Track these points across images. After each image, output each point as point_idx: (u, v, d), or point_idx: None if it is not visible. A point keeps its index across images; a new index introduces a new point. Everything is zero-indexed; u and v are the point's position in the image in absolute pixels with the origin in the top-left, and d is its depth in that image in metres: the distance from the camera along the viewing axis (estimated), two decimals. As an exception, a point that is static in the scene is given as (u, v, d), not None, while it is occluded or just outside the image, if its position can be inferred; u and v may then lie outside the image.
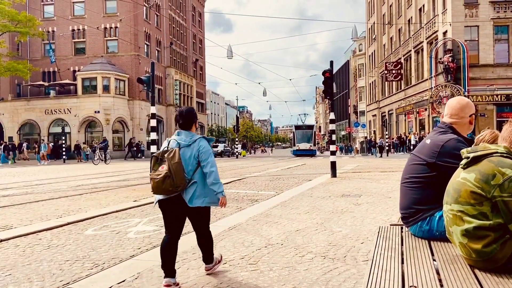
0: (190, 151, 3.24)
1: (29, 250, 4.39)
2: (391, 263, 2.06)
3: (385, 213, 6.19)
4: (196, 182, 3.20)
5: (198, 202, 3.18)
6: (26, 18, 32.88)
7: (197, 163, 3.24)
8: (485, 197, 1.90)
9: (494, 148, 2.00)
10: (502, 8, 30.27)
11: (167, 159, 3.13)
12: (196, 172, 3.22)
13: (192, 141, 3.27)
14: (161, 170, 3.13)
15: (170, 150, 3.20)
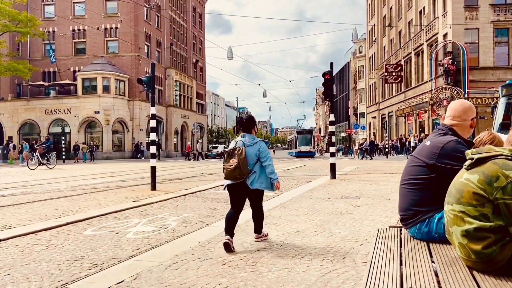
0: (253, 150, 4.47)
1: (28, 250, 4.39)
2: (390, 264, 2.07)
3: (384, 215, 6.19)
4: (256, 172, 4.42)
5: (256, 185, 4.40)
6: (27, 18, 32.92)
7: (257, 159, 4.45)
8: (487, 199, 1.90)
9: (499, 151, 2.01)
10: (502, 11, 30.31)
11: (237, 155, 4.34)
12: (256, 165, 4.45)
13: (254, 142, 4.51)
14: (232, 162, 4.33)
15: (239, 148, 4.40)
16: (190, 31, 56.50)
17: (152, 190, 10.18)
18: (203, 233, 5.08)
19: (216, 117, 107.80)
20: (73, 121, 39.20)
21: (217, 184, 11.74)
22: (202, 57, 61.75)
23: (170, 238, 4.90)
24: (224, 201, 8.13)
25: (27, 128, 41.28)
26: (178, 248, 4.34)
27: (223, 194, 9.48)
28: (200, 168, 21.95)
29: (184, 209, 7.13)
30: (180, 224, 5.75)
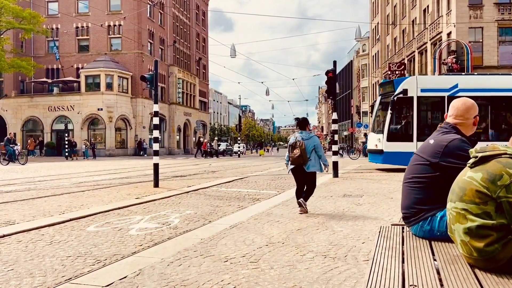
0: (309, 143, 6.25)
1: (31, 246, 4.42)
2: (392, 262, 2.07)
3: (387, 213, 6.19)
4: (311, 159, 6.22)
5: (312, 169, 6.27)
6: (31, 15, 33.00)
7: (312, 149, 6.23)
8: (490, 197, 1.90)
9: (504, 149, 2.01)
10: (506, 10, 30.17)
11: (299, 147, 6.16)
12: (311, 154, 6.23)
13: (309, 137, 6.32)
14: (296, 152, 6.16)
15: (300, 141, 6.20)
16: (193, 29, 56.49)
17: (154, 187, 10.20)
18: (205, 230, 5.09)
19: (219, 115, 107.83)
20: (76, 118, 39.31)
21: (219, 181, 11.77)
22: (205, 55, 61.75)
23: (172, 235, 4.91)
24: (226, 199, 8.15)
25: (30, 124, 41.43)
26: (181, 244, 4.36)
27: (225, 191, 9.50)
28: (203, 165, 21.98)
29: (187, 206, 7.15)
30: (182, 221, 5.77)
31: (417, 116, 15.33)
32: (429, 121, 16.26)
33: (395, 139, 15.39)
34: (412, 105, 15.36)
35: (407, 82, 15.66)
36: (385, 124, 15.45)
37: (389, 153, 15.31)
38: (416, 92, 15.38)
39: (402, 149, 15.09)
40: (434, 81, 16.25)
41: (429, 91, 15.37)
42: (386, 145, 15.36)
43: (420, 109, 15.62)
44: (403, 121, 15.83)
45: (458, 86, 15.30)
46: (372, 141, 16.66)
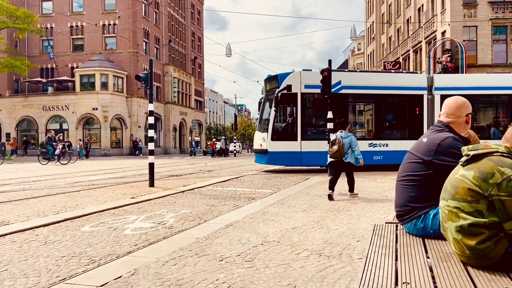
0: (347, 140, 7.79)
1: (25, 246, 4.40)
2: (385, 260, 2.08)
3: (382, 211, 6.22)
4: (348, 154, 7.79)
5: (348, 159, 7.79)
6: (25, 14, 32.77)
7: (349, 146, 7.78)
8: (482, 195, 1.91)
9: (495, 147, 2.02)
10: (500, 9, 30.33)
11: (337, 143, 7.60)
12: (348, 149, 7.77)
13: (347, 135, 7.86)
14: (334, 147, 7.60)
15: (338, 139, 7.65)
16: (189, 28, 56.37)
17: (150, 186, 10.18)
18: (200, 229, 5.09)
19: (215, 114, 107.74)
20: (71, 118, 39.13)
21: (215, 181, 11.76)
22: (201, 54, 61.65)
23: (168, 234, 4.91)
24: (221, 198, 8.15)
25: (25, 124, 41.19)
26: (176, 244, 4.35)
27: (221, 191, 9.50)
28: (198, 165, 21.97)
29: (182, 206, 7.14)
30: (178, 221, 5.77)
31: (301, 114, 14.76)
32: (313, 120, 15.75)
33: (279, 138, 14.78)
34: (296, 102, 14.76)
35: (291, 77, 14.98)
36: (269, 123, 14.80)
37: (274, 153, 14.73)
38: (300, 88, 14.81)
39: (286, 148, 14.63)
40: (317, 77, 15.25)
41: (313, 88, 14.49)
42: (270, 144, 14.70)
43: (304, 106, 15.03)
44: (288, 119, 15.15)
45: (341, 83, 15.02)
46: (257, 140, 15.86)
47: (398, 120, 16.35)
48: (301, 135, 14.77)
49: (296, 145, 14.63)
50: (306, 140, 14.81)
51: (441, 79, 16.48)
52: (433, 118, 15.32)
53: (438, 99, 15.50)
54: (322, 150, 14.18)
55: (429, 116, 15.55)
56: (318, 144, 14.51)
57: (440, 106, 18.04)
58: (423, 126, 15.48)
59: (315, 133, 15.39)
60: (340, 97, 15.06)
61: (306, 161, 14.80)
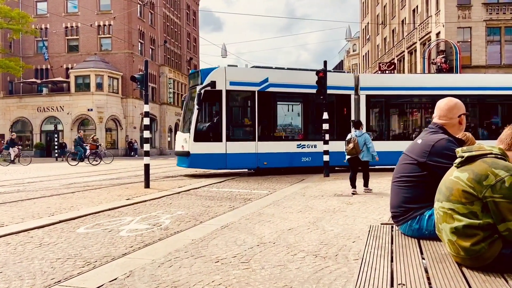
0: (361, 138, 8.57)
1: (20, 248, 4.37)
2: (381, 261, 2.09)
3: (377, 212, 6.23)
4: (363, 151, 8.53)
5: (365, 158, 8.60)
6: (19, 15, 32.59)
7: (364, 144, 8.52)
8: (476, 197, 1.92)
9: (489, 149, 2.03)
10: (494, 10, 30.52)
11: (353, 141, 8.50)
12: (363, 147, 8.50)
13: (361, 134, 8.66)
14: (350, 145, 8.50)
15: (353, 138, 8.53)
16: (184, 29, 56.30)
17: (145, 188, 10.16)
18: (196, 231, 5.08)
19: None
20: (66, 119, 38.95)
21: (211, 182, 11.75)
22: (196, 54, 61.58)
23: (163, 236, 4.90)
24: (217, 199, 8.15)
25: (19, 125, 40.95)
26: (172, 245, 4.34)
27: (216, 192, 9.49)
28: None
29: (178, 207, 7.13)
30: (173, 222, 5.76)
31: (227, 113, 13.70)
32: (239, 119, 14.86)
33: (202, 139, 13.67)
34: (221, 99, 13.67)
35: (215, 73, 13.86)
36: (192, 122, 13.60)
37: (197, 156, 13.52)
38: (225, 85, 13.72)
39: (210, 150, 13.57)
40: (244, 73, 14.67)
41: (239, 85, 13.84)
42: (193, 146, 13.50)
43: (229, 104, 13.98)
44: (212, 118, 14.19)
45: (268, 80, 14.27)
46: (179, 142, 14.55)
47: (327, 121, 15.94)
48: (227, 136, 13.71)
49: (221, 147, 13.61)
50: (232, 141, 13.87)
51: (366, 79, 16.22)
52: (359, 119, 14.74)
53: (364, 99, 15.34)
54: (249, 152, 13.94)
55: (356, 116, 15.17)
56: (245, 145, 13.93)
57: (366, 106, 15.87)
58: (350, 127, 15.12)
59: (242, 133, 14.59)
60: (267, 96, 14.34)
61: (232, 163, 13.87)
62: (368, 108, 15.64)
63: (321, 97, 13.11)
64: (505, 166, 1.92)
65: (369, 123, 15.71)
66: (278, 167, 14.42)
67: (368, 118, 15.57)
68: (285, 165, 14.53)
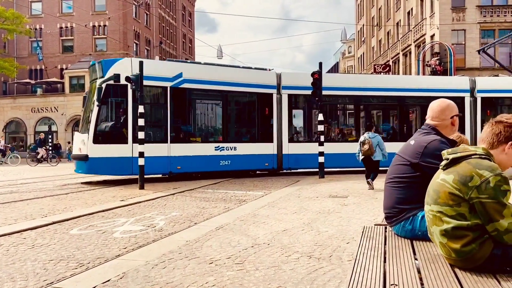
0: (374, 140, 9.50)
1: (13, 249, 4.34)
2: (374, 262, 2.09)
3: (371, 213, 6.25)
4: (376, 152, 9.43)
5: (377, 158, 9.54)
6: (14, 15, 32.42)
7: (377, 145, 9.44)
8: (462, 198, 1.93)
9: (473, 150, 2.04)
10: (488, 13, 30.75)
11: (367, 142, 9.40)
12: (376, 148, 9.42)
13: (374, 136, 9.62)
14: (365, 147, 9.42)
15: (367, 139, 9.47)
16: (180, 30, 56.24)
17: (140, 189, 10.13)
18: (191, 232, 5.07)
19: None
20: (60, 120, 38.74)
21: (206, 183, 11.72)
22: (192, 55, 61.52)
23: (157, 237, 4.88)
24: (212, 200, 8.13)
25: (13, 126, 40.67)
26: (166, 247, 4.33)
27: (211, 193, 9.48)
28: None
29: (172, 208, 7.11)
30: (168, 223, 5.74)
31: (133, 111, 11.75)
32: (149, 118, 12.82)
33: (104, 140, 11.95)
34: (127, 96, 11.96)
35: (119, 65, 12.17)
36: (91, 122, 11.90)
37: (97, 160, 11.72)
38: None
39: (113, 153, 11.78)
40: (154, 66, 13.28)
41: (148, 79, 11.74)
42: (92, 148, 11.72)
43: (137, 101, 11.47)
44: (116, 117, 12.37)
45: (182, 75, 12.93)
46: (76, 144, 12.75)
47: (248, 121, 14.96)
48: (133, 137, 11.85)
49: (126, 149, 11.85)
50: (138, 144, 11.69)
51: (288, 77, 15.00)
52: (281, 120, 14.37)
53: (286, 99, 14.46)
54: (161, 155, 12.40)
55: (278, 117, 14.36)
56: (155, 147, 12.25)
57: (288, 106, 14.90)
58: (273, 129, 14.34)
59: (152, 134, 12.99)
60: (181, 92, 13.00)
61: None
62: (290, 109, 14.76)
63: (316, 99, 13.10)
64: (489, 166, 1.93)
65: (291, 124, 14.85)
66: (193, 171, 13.19)
67: (290, 119, 14.68)
68: (202, 169, 13.31)
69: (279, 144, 14.34)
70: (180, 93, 13.04)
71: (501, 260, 1.91)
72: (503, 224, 1.87)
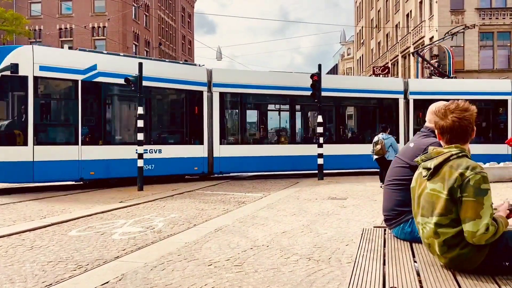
0: (387, 141, 10.20)
1: (11, 251, 4.33)
2: (373, 264, 2.09)
3: (370, 215, 6.25)
4: (389, 151, 10.05)
5: (390, 158, 9.73)
6: (13, 16, 32.40)
7: (390, 146, 10.13)
8: (454, 203, 1.94)
9: (448, 151, 2.05)
10: (487, 15, 30.82)
11: (380, 143, 10.11)
12: (389, 148, 10.09)
13: (387, 137, 10.30)
14: (378, 147, 10.09)
15: (380, 140, 10.16)
16: (179, 31, 56.28)
17: (139, 190, 10.11)
18: (190, 234, 5.07)
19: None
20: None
21: (205, 184, 11.72)
22: (191, 57, 61.55)
23: (156, 239, 4.88)
24: (211, 202, 8.13)
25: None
26: (165, 249, 4.33)
27: (211, 194, 9.47)
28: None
29: (171, 210, 7.10)
30: (167, 225, 5.73)
31: (35, 107, 10.37)
32: (55, 116, 11.59)
33: None
34: (27, 89, 10.24)
35: (17, 53, 10.45)
36: None
37: None
38: (33, 69, 10.26)
39: (9, 157, 10.08)
40: (62, 56, 11.53)
41: (54, 70, 10.50)
42: None
43: (40, 96, 10.66)
44: (13, 114, 10.85)
45: (97, 68, 11.19)
46: None
47: (175, 121, 13.73)
48: (35, 138, 10.30)
49: (26, 153, 10.13)
50: (43, 145, 10.54)
51: (220, 73, 13.77)
52: (212, 120, 13.16)
53: (217, 97, 13.27)
54: (69, 159, 10.75)
55: (209, 117, 13.16)
56: (63, 150, 10.77)
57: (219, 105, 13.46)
58: (203, 129, 13.09)
59: (59, 135, 11.42)
60: (94, 87, 11.33)
61: (42, 175, 10.38)
62: (223, 108, 13.62)
63: (315, 100, 13.10)
64: (469, 165, 1.96)
65: (224, 125, 13.65)
66: (110, 177, 11.60)
67: (222, 120, 13.48)
68: (120, 175, 11.63)
69: (210, 146, 13.14)
70: (93, 88, 11.36)
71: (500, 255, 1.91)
72: (477, 223, 1.87)
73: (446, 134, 2.10)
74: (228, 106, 14.25)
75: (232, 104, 14.45)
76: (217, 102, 13.30)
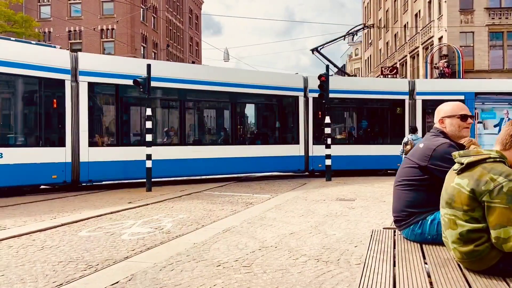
0: (417, 141, 8.60)
1: (22, 251, 4.38)
2: (383, 266, 2.08)
3: (379, 216, 6.22)
4: None
5: None
6: (23, 18, 32.79)
7: None
8: (478, 202, 1.93)
9: (487, 153, 2.03)
10: (497, 15, 30.52)
11: (410, 143, 10.57)
12: None
13: (417, 138, 10.69)
14: (407, 147, 10.49)
15: (410, 141, 10.66)
16: (187, 33, 56.50)
17: (147, 191, 10.16)
18: (198, 234, 5.08)
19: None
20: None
21: (213, 185, 11.74)
22: (199, 58, 61.75)
23: (165, 239, 4.90)
24: (219, 203, 8.14)
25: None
26: (173, 249, 4.35)
27: (218, 195, 9.49)
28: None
29: (180, 211, 7.13)
30: (175, 226, 5.75)
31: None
32: None
33: None
34: None
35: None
36: None
37: None
38: None
39: None
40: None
41: None
42: None
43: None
44: None
45: None
46: None
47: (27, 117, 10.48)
48: None
49: None
50: None
51: (89, 60, 11.12)
52: (78, 116, 10.58)
53: (85, 88, 10.68)
54: None
55: (74, 113, 10.56)
56: None
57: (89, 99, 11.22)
58: (65, 128, 10.40)
59: None
60: None
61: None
62: (93, 102, 11.21)
63: (323, 101, 13.06)
64: (504, 171, 1.92)
65: (94, 122, 11.24)
66: None
67: (92, 116, 11.03)
68: None
69: (75, 149, 10.46)
70: None
71: None
72: (508, 230, 1.85)
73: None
74: (101, 100, 11.91)
75: (107, 98, 11.96)
76: (85, 94, 10.71)
